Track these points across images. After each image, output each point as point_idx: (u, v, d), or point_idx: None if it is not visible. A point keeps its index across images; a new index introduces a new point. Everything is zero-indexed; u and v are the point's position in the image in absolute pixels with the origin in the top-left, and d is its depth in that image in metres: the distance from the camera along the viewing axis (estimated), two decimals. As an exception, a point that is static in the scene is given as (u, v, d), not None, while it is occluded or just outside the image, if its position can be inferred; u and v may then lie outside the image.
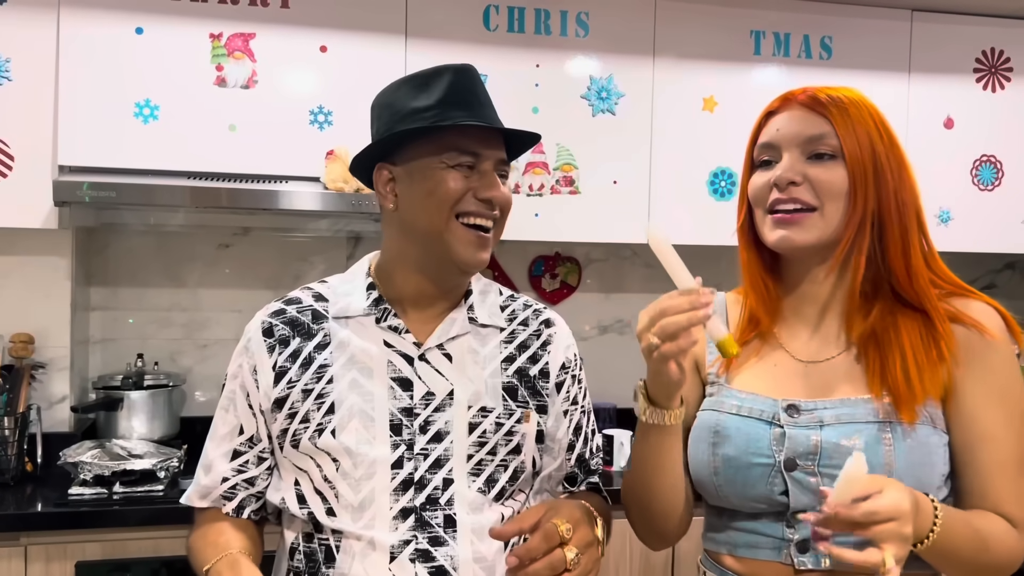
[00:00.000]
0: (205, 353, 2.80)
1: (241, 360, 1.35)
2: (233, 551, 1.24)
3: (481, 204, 1.27)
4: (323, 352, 1.30)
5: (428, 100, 1.26)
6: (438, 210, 1.25)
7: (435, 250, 1.28)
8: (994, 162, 2.96)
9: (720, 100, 2.75)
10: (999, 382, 1.18)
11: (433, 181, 1.26)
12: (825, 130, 1.20)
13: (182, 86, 2.39)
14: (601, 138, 2.67)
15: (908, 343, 1.18)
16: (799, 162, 1.21)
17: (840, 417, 1.18)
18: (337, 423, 1.26)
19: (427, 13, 2.54)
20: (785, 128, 1.22)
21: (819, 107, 1.21)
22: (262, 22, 2.44)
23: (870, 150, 1.19)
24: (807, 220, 1.20)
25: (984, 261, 3.41)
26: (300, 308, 1.34)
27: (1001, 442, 1.17)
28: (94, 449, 2.30)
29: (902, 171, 1.22)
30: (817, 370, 1.24)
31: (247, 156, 2.43)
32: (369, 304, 1.32)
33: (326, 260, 2.84)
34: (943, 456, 1.17)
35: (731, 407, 1.25)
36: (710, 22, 2.73)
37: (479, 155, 1.27)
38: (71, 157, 2.33)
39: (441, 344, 1.31)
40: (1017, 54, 2.96)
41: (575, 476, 1.43)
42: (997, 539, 1.14)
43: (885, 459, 1.13)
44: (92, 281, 2.73)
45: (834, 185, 1.19)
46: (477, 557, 1.25)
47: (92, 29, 2.34)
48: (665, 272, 1.12)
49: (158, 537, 2.14)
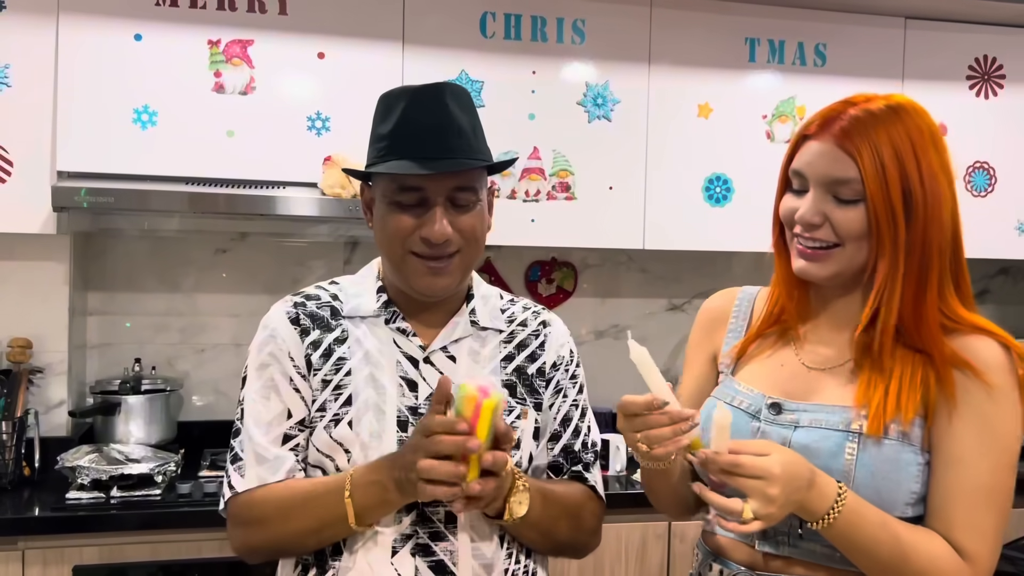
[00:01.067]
0: (202, 358, 2.81)
1: (270, 348, 1.34)
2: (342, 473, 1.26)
3: (422, 243, 1.28)
4: (342, 346, 1.33)
5: (384, 128, 1.29)
6: (390, 246, 1.31)
7: (396, 274, 1.34)
8: (987, 169, 2.98)
9: (715, 107, 2.77)
10: (986, 406, 1.15)
11: (384, 216, 1.31)
12: (851, 176, 1.15)
13: (181, 92, 2.41)
14: (597, 144, 2.69)
15: (900, 366, 1.18)
16: (823, 201, 1.18)
17: (814, 421, 1.21)
18: (353, 415, 1.29)
19: (424, 20, 2.56)
20: (815, 163, 1.19)
21: (850, 146, 1.15)
22: (260, 29, 2.45)
23: (899, 191, 1.14)
24: (828, 256, 1.20)
25: (978, 267, 3.42)
26: (319, 304, 1.38)
27: (971, 468, 1.14)
28: (92, 454, 2.31)
29: (937, 207, 1.16)
30: (816, 376, 1.26)
31: (245, 162, 2.44)
32: (379, 306, 1.36)
33: (323, 265, 2.85)
34: (915, 475, 1.16)
35: (726, 396, 1.30)
36: (705, 29, 2.75)
37: (422, 190, 1.26)
38: (70, 163, 2.34)
39: (445, 347, 1.36)
40: (1010, 61, 2.98)
41: (560, 466, 1.42)
42: (923, 557, 1.13)
43: (844, 467, 1.16)
44: (90, 286, 2.74)
45: (854, 229, 1.17)
46: (476, 553, 1.28)
47: (91, 35, 2.36)
48: (659, 278, 1.15)
49: (155, 541, 2.15)
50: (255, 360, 1.35)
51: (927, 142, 1.17)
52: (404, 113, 1.26)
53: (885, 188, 1.14)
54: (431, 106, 1.27)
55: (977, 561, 1.14)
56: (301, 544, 1.29)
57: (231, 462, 1.33)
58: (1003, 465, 1.16)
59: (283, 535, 1.28)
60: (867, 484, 1.15)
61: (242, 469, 1.31)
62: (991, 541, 1.15)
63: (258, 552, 1.32)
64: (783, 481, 1.08)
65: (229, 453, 1.34)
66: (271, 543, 1.30)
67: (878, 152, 1.14)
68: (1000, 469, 1.16)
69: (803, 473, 1.11)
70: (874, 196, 1.15)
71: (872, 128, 1.16)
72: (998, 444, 1.16)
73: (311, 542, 1.28)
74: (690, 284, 3.15)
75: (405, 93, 1.28)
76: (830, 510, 1.11)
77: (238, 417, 1.35)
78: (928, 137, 1.18)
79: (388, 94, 1.32)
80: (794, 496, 1.10)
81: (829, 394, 1.23)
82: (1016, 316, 3.50)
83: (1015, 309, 3.51)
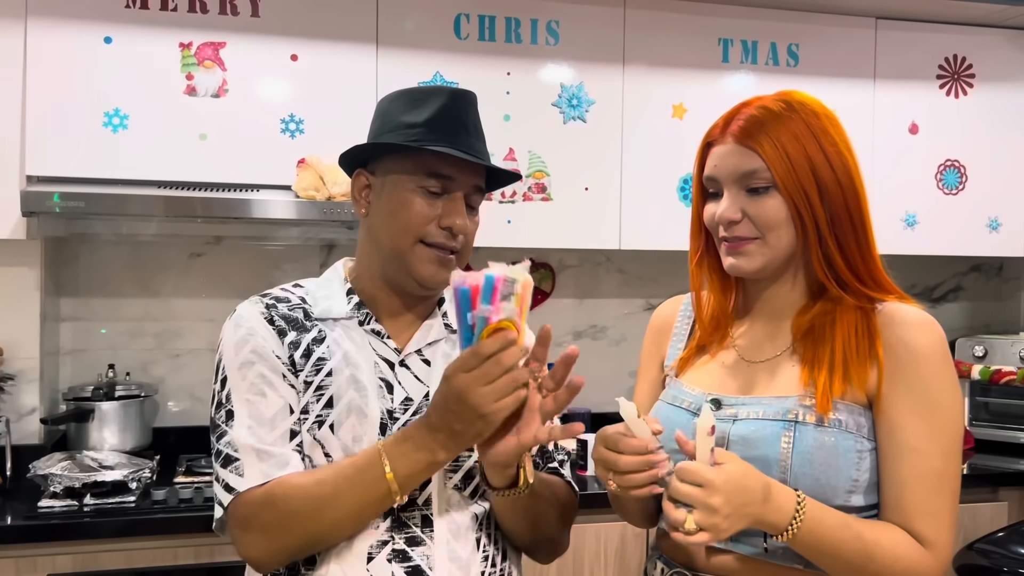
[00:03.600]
0: (178, 363, 2.79)
1: (251, 345, 1.28)
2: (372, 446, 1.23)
3: (443, 232, 1.29)
4: (320, 346, 1.30)
5: (416, 118, 1.28)
6: (402, 233, 1.29)
7: (396, 265, 1.31)
8: (958, 167, 3.02)
9: (689, 107, 2.78)
10: (928, 392, 1.18)
11: (401, 201, 1.29)
12: (757, 165, 1.21)
13: (152, 95, 2.39)
14: (572, 145, 2.69)
15: (841, 335, 1.22)
16: (739, 197, 1.24)
17: (751, 413, 1.23)
18: (335, 418, 1.27)
19: (398, 22, 2.55)
20: (721, 164, 1.25)
21: (749, 140, 1.22)
22: (232, 31, 2.44)
23: (808, 171, 1.20)
24: (752, 248, 1.24)
25: (951, 264, 3.46)
26: (290, 306, 1.34)
27: (922, 455, 1.16)
28: (64, 461, 2.28)
29: (852, 179, 1.23)
30: (756, 368, 1.29)
31: (218, 165, 2.43)
32: (351, 308, 1.34)
33: (299, 268, 2.84)
34: (854, 462, 1.18)
35: (670, 397, 1.33)
36: (679, 30, 2.77)
37: (452, 180, 1.29)
38: (39, 167, 2.32)
39: (419, 350, 1.35)
40: (979, 61, 3.02)
41: (536, 466, 1.42)
42: (887, 551, 1.14)
43: (781, 456, 1.18)
44: (62, 292, 2.71)
45: (771, 217, 1.22)
46: (452, 556, 1.27)
47: (60, 38, 2.33)
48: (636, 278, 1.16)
49: (130, 548, 2.12)
50: (234, 359, 1.28)
51: (823, 124, 1.24)
52: (443, 107, 1.29)
53: (792, 170, 1.20)
54: (465, 108, 1.31)
55: (938, 546, 1.16)
56: (339, 535, 1.22)
57: (223, 466, 1.24)
58: (951, 448, 1.18)
59: (318, 530, 1.20)
60: (805, 472, 1.17)
61: (240, 468, 1.22)
62: (948, 526, 1.17)
63: (286, 554, 1.23)
64: (725, 492, 1.07)
65: (216, 460, 1.26)
66: (304, 541, 1.21)
67: (778, 141, 1.21)
68: (949, 453, 1.18)
69: (754, 486, 1.10)
70: (783, 179, 1.20)
71: (768, 122, 1.22)
72: (944, 427, 1.18)
73: (349, 529, 1.22)
74: (667, 284, 3.15)
75: (440, 89, 1.32)
76: (792, 522, 1.11)
77: (222, 420, 1.27)
78: (824, 119, 1.25)
79: (415, 88, 1.34)
80: (746, 509, 1.09)
81: (770, 386, 1.26)
82: (988, 312, 3.54)
83: (987, 305, 3.55)
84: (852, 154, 1.25)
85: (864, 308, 1.23)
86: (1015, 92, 3.05)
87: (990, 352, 3.01)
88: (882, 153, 2.91)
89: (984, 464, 2.82)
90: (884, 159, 2.90)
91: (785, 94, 1.27)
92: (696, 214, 1.34)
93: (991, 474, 2.74)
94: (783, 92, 1.28)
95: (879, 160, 2.88)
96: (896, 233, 2.94)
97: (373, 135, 1.35)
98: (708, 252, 1.34)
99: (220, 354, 1.31)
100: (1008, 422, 2.99)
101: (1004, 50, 3.04)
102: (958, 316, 3.49)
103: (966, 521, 2.58)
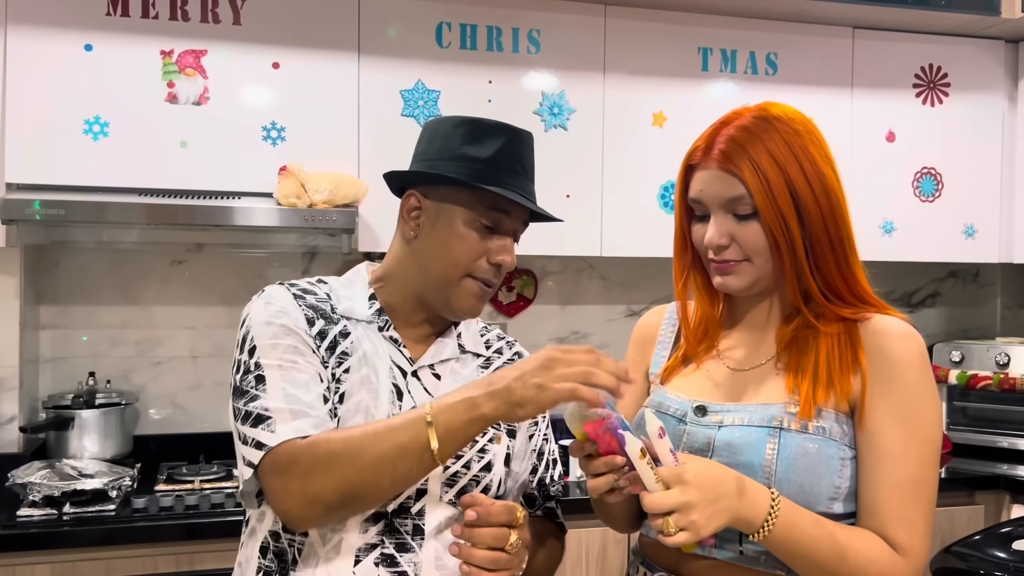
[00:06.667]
0: (158, 371, 2.78)
1: (283, 321, 1.27)
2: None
3: (491, 269, 1.33)
4: (345, 341, 1.32)
5: (480, 152, 1.30)
6: (454, 265, 1.31)
7: (438, 291, 1.34)
8: (934, 174, 3.06)
9: (669, 115, 2.81)
10: (907, 400, 1.19)
11: (456, 234, 1.31)
12: (740, 192, 1.21)
13: (133, 103, 2.38)
14: (554, 153, 2.71)
15: (824, 346, 1.23)
16: (726, 222, 1.24)
17: (737, 420, 1.24)
18: (343, 414, 1.28)
19: (380, 30, 2.56)
20: (707, 189, 1.25)
21: (731, 166, 1.22)
22: (214, 39, 2.44)
23: (787, 196, 1.20)
24: (741, 268, 1.26)
25: (928, 270, 3.50)
26: (316, 298, 1.36)
27: (898, 461, 1.18)
28: (44, 470, 2.26)
29: (829, 198, 1.23)
30: (742, 377, 1.30)
31: (199, 172, 2.43)
32: (372, 312, 1.36)
33: (281, 276, 2.84)
34: (837, 469, 1.19)
35: (655, 405, 1.34)
36: (659, 39, 2.79)
37: (507, 217, 1.33)
38: (19, 174, 2.31)
39: (432, 364, 1.37)
40: (954, 70, 3.06)
41: (534, 499, 1.46)
42: (860, 553, 1.15)
43: (766, 463, 1.19)
44: (42, 299, 2.70)
45: (756, 243, 1.23)
46: (439, 565, 1.28)
47: (40, 46, 2.32)
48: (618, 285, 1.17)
49: (110, 557, 2.11)
50: (265, 330, 1.26)
51: (803, 139, 1.24)
52: (507, 146, 1.32)
53: (772, 199, 1.20)
54: (525, 149, 1.35)
55: (911, 553, 1.17)
56: (376, 482, 1.17)
57: (253, 425, 1.20)
58: (927, 456, 1.20)
59: (358, 477, 1.15)
60: (788, 479, 1.18)
61: (272, 425, 1.19)
62: (923, 532, 1.18)
63: (323, 504, 1.17)
64: (697, 485, 1.08)
65: (244, 422, 1.21)
66: (343, 488, 1.16)
67: (758, 166, 1.21)
68: (925, 460, 1.19)
69: (726, 480, 1.11)
70: (764, 210, 1.20)
71: (748, 144, 1.22)
72: (921, 435, 1.19)
73: (386, 480, 1.17)
74: (649, 291, 3.18)
75: (504, 127, 1.33)
76: (767, 519, 1.12)
77: (250, 385, 1.23)
78: (804, 134, 1.24)
79: (478, 120, 1.34)
80: (721, 503, 1.09)
81: (756, 394, 1.27)
82: (965, 318, 3.58)
83: (964, 311, 3.59)
84: (833, 169, 1.26)
85: (847, 320, 1.25)
86: (990, 101, 3.09)
87: (967, 357, 3.05)
88: (859, 161, 2.94)
89: (961, 468, 2.85)
90: (861, 167, 2.94)
91: (764, 108, 1.27)
92: (680, 231, 1.34)
93: (968, 478, 2.77)
94: (762, 106, 1.28)
95: (856, 168, 2.91)
96: (874, 240, 2.97)
97: (428, 157, 1.34)
98: (695, 267, 1.35)
99: (248, 327, 1.28)
100: (984, 426, 3.03)
101: (979, 59, 3.08)
102: (935, 322, 3.53)
103: (943, 524, 2.61)
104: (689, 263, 1.35)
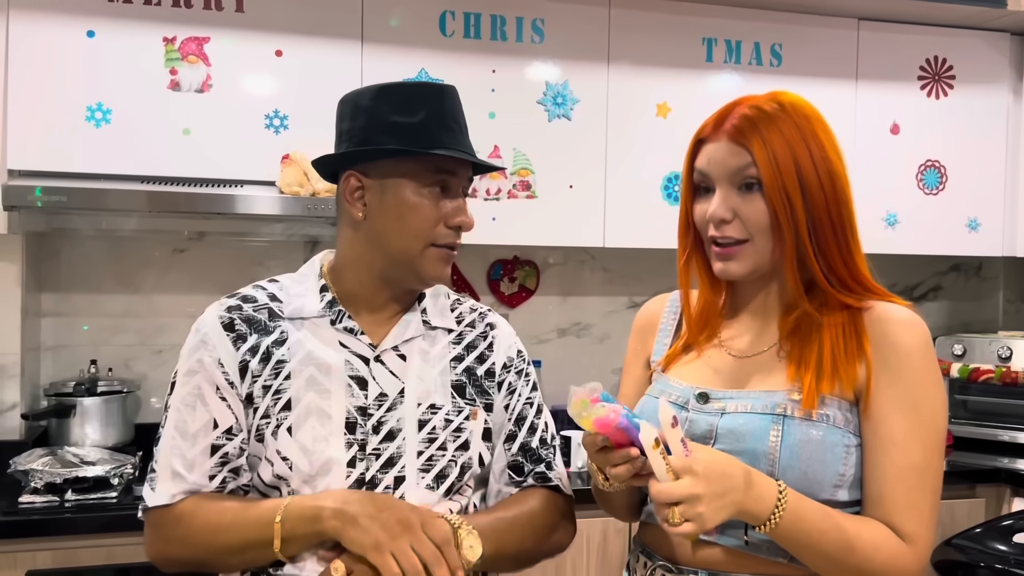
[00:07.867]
0: (160, 359, 2.78)
1: (199, 355, 1.31)
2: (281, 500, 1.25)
3: (451, 232, 1.31)
4: (280, 348, 1.31)
5: (411, 118, 1.28)
6: (414, 237, 1.30)
7: (403, 266, 1.32)
8: (938, 167, 3.05)
9: (673, 106, 2.80)
10: (912, 389, 1.19)
11: (407, 205, 1.29)
12: (746, 161, 1.22)
13: (135, 90, 2.37)
14: (557, 143, 2.70)
15: (828, 334, 1.23)
16: (731, 195, 1.24)
17: (740, 407, 1.24)
18: (294, 420, 1.28)
19: (383, 18, 2.55)
20: (714, 160, 1.25)
21: (742, 139, 1.22)
22: (217, 26, 2.43)
23: (794, 176, 1.21)
24: (741, 252, 1.25)
25: (931, 263, 3.50)
26: (256, 307, 1.35)
27: (904, 449, 1.18)
28: (45, 457, 2.27)
29: (834, 184, 1.23)
30: (744, 364, 1.30)
31: (201, 160, 2.42)
32: (323, 306, 1.34)
33: (282, 264, 2.83)
34: (841, 456, 1.19)
35: (657, 391, 1.34)
36: (663, 30, 2.78)
37: (455, 174, 1.31)
38: (21, 161, 2.30)
39: (396, 346, 1.34)
40: (959, 62, 3.05)
41: (520, 465, 1.41)
42: (868, 543, 1.15)
43: (769, 450, 1.19)
44: (44, 287, 2.69)
45: (759, 219, 1.23)
46: None
47: (42, 32, 2.32)
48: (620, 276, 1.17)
49: (111, 545, 2.11)
50: (184, 365, 1.33)
51: (814, 128, 1.25)
52: (437, 106, 1.29)
53: (778, 173, 1.20)
54: (455, 105, 1.33)
55: (918, 542, 1.17)
56: (225, 563, 1.27)
57: (149, 471, 1.32)
58: (932, 444, 1.20)
59: (208, 553, 1.26)
60: (792, 466, 1.18)
61: (154, 482, 1.30)
62: (929, 521, 1.18)
63: (182, 566, 1.31)
64: (706, 477, 1.07)
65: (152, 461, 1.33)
66: (198, 560, 1.28)
67: (769, 143, 1.21)
68: (930, 448, 1.19)
69: (735, 472, 1.10)
70: (768, 182, 1.21)
71: (761, 123, 1.23)
72: (927, 423, 1.19)
73: (235, 562, 1.27)
74: (651, 282, 3.17)
75: (427, 87, 1.34)
76: (774, 511, 1.12)
77: (161, 424, 1.34)
78: (815, 123, 1.25)
79: (398, 85, 1.33)
80: (729, 497, 1.09)
81: (759, 381, 1.27)
82: (967, 312, 3.58)
83: (966, 305, 3.59)
84: (840, 158, 1.26)
85: (851, 307, 1.24)
86: (995, 94, 3.08)
87: (969, 351, 3.04)
88: (863, 153, 2.93)
89: (962, 461, 2.85)
90: (865, 159, 2.93)
91: (777, 95, 1.27)
92: (684, 212, 1.34)
93: (969, 471, 2.77)
94: (775, 93, 1.29)
95: (860, 160, 2.90)
96: (877, 232, 2.96)
97: (356, 133, 1.31)
98: (696, 251, 1.34)
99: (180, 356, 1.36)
100: (986, 420, 3.03)
101: (984, 52, 3.07)
102: (938, 315, 3.52)
103: (944, 517, 2.60)
104: (691, 243, 1.34)
